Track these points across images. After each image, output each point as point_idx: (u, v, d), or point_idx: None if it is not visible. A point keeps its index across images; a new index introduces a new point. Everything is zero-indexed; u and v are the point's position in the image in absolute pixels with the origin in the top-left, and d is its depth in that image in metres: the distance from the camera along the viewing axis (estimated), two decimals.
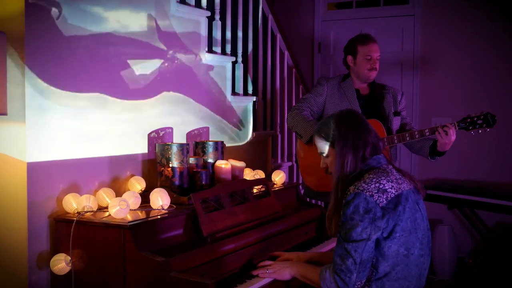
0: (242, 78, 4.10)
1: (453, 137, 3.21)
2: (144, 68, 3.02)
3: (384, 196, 2.08)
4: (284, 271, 2.44)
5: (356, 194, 2.09)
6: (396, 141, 3.31)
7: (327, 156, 2.29)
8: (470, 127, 3.26)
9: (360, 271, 2.08)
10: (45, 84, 2.48)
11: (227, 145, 3.65)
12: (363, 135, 2.22)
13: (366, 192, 2.08)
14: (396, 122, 3.49)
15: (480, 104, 4.96)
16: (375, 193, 2.08)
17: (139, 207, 2.64)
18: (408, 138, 3.30)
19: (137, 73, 2.97)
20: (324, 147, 2.30)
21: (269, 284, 2.46)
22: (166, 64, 3.18)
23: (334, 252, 2.14)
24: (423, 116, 5.31)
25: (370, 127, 2.28)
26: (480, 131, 3.26)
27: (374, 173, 2.16)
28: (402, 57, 5.40)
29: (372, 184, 2.10)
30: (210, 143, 3.14)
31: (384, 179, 2.12)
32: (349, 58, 3.53)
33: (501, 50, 5.01)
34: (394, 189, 2.11)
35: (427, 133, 3.27)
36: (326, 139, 2.28)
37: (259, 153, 4.21)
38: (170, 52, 3.21)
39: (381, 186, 2.09)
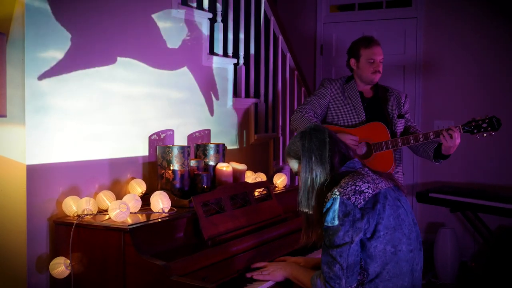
0: (244, 80, 4.08)
1: (458, 141, 3.19)
2: (143, 68, 3.01)
3: (361, 197, 2.08)
4: (277, 272, 2.45)
5: (333, 199, 2.09)
6: (400, 144, 3.29)
7: (300, 173, 2.28)
8: (475, 131, 3.24)
9: (349, 276, 2.08)
10: (45, 86, 2.46)
11: (228, 147, 3.63)
12: (328, 146, 2.21)
13: (343, 195, 2.08)
14: (400, 125, 3.47)
15: (483, 107, 4.94)
16: (351, 195, 2.08)
17: (139, 210, 2.62)
18: (412, 141, 3.28)
19: (137, 73, 2.96)
20: (295, 165, 2.30)
21: None
22: (166, 65, 3.16)
23: (321, 261, 2.14)
24: (426, 119, 5.29)
25: (336, 137, 2.28)
26: (485, 135, 3.24)
27: (349, 177, 2.16)
28: (405, 59, 5.38)
29: (348, 187, 2.10)
30: (211, 145, 3.12)
31: (360, 181, 2.12)
32: (352, 61, 3.50)
33: (504, 53, 4.99)
34: (371, 189, 2.11)
35: (432, 136, 3.25)
36: (295, 157, 2.28)
37: (260, 156, 4.20)
38: (171, 54, 3.19)
39: (357, 188, 2.10)
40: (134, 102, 2.94)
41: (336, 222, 2.06)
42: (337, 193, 2.09)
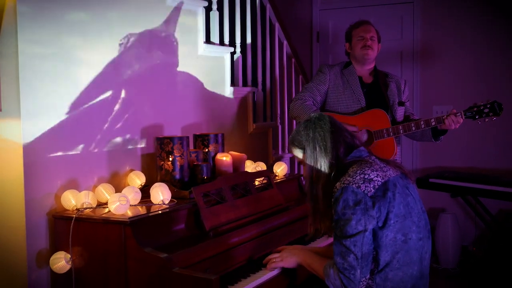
0: (241, 69, 4.04)
1: (461, 121, 3.23)
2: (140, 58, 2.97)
3: (371, 185, 2.05)
4: (290, 259, 2.42)
5: (343, 188, 2.06)
6: (401, 131, 3.27)
7: (305, 163, 2.24)
8: (477, 116, 3.24)
9: (363, 266, 2.05)
10: (40, 78, 2.42)
11: (227, 137, 3.61)
12: (333, 136, 2.18)
13: (352, 184, 2.05)
14: (400, 113, 3.45)
15: (481, 91, 4.92)
16: (361, 183, 2.05)
17: (139, 202, 2.59)
18: (414, 128, 3.26)
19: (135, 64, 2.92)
20: (299, 155, 2.27)
21: (272, 278, 2.43)
22: (164, 56, 3.12)
23: (333, 252, 2.11)
24: (424, 105, 5.26)
25: (341, 126, 2.25)
26: (486, 120, 3.23)
27: (357, 166, 2.13)
28: (402, 45, 5.34)
29: (357, 176, 2.07)
30: (210, 135, 3.08)
31: (368, 169, 2.09)
32: (347, 45, 3.58)
33: (501, 37, 4.95)
34: (380, 177, 2.08)
35: (434, 123, 3.23)
36: (299, 146, 2.24)
37: (260, 145, 4.17)
38: (167, 43, 3.15)
39: (366, 176, 2.07)
40: (131, 91, 2.90)
41: (347, 211, 2.03)
42: (346, 182, 2.06)
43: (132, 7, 2.91)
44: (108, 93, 2.77)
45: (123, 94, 2.85)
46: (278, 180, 3.29)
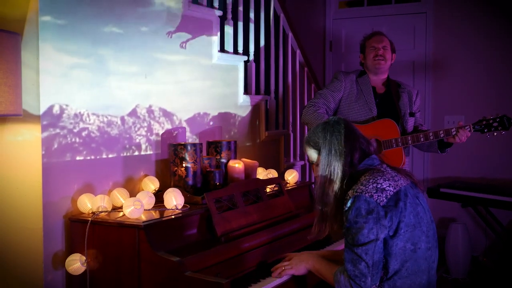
0: (254, 77, 4.09)
1: (468, 135, 3.24)
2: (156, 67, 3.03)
3: (384, 195, 2.07)
4: (300, 265, 2.44)
5: (355, 197, 2.08)
6: (410, 141, 3.31)
7: (317, 164, 2.27)
8: (486, 130, 3.26)
9: (374, 274, 2.07)
10: (59, 85, 2.49)
11: (239, 144, 3.65)
12: (350, 142, 2.20)
13: (365, 193, 2.07)
14: (410, 124, 3.49)
15: (493, 102, 4.93)
16: (374, 193, 2.07)
17: (153, 207, 2.65)
18: (422, 139, 3.29)
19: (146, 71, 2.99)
20: (313, 155, 2.28)
21: (282, 284, 2.46)
22: (178, 63, 3.18)
23: (344, 259, 2.13)
24: (435, 114, 5.27)
25: (358, 132, 2.27)
26: (495, 134, 3.25)
27: (369, 174, 2.15)
28: (414, 55, 5.36)
29: (369, 185, 2.09)
30: (223, 142, 3.14)
31: (381, 178, 2.11)
32: (361, 56, 3.64)
33: None
34: (392, 186, 2.10)
35: (442, 135, 3.26)
36: (314, 147, 2.26)
37: (271, 152, 4.21)
38: (182, 51, 3.21)
39: (379, 186, 2.09)
40: (148, 98, 2.97)
41: (359, 220, 2.05)
42: (359, 191, 2.08)
43: (147, 15, 2.98)
44: (127, 102, 2.83)
45: (137, 101, 2.92)
46: (289, 188, 3.33)
